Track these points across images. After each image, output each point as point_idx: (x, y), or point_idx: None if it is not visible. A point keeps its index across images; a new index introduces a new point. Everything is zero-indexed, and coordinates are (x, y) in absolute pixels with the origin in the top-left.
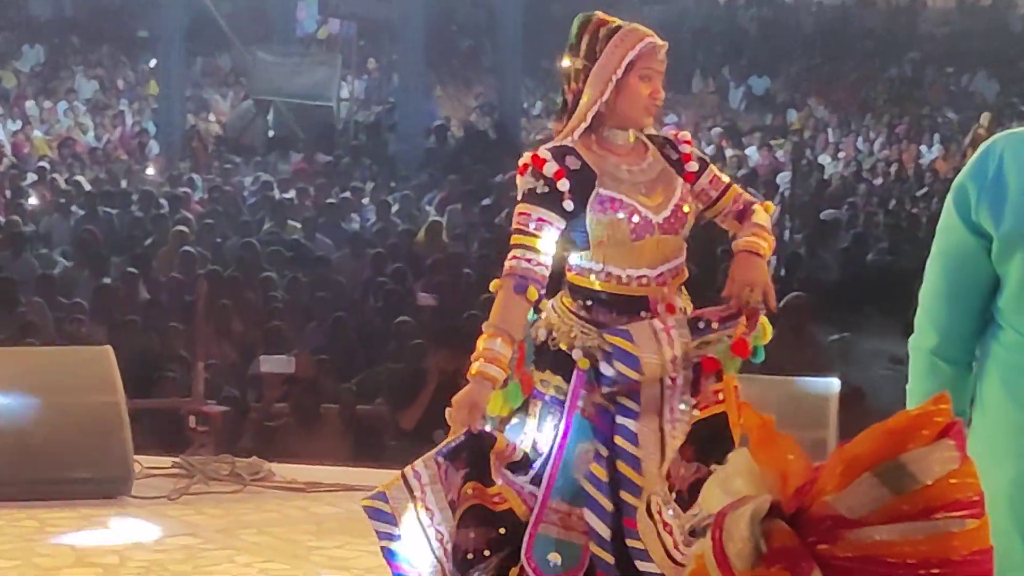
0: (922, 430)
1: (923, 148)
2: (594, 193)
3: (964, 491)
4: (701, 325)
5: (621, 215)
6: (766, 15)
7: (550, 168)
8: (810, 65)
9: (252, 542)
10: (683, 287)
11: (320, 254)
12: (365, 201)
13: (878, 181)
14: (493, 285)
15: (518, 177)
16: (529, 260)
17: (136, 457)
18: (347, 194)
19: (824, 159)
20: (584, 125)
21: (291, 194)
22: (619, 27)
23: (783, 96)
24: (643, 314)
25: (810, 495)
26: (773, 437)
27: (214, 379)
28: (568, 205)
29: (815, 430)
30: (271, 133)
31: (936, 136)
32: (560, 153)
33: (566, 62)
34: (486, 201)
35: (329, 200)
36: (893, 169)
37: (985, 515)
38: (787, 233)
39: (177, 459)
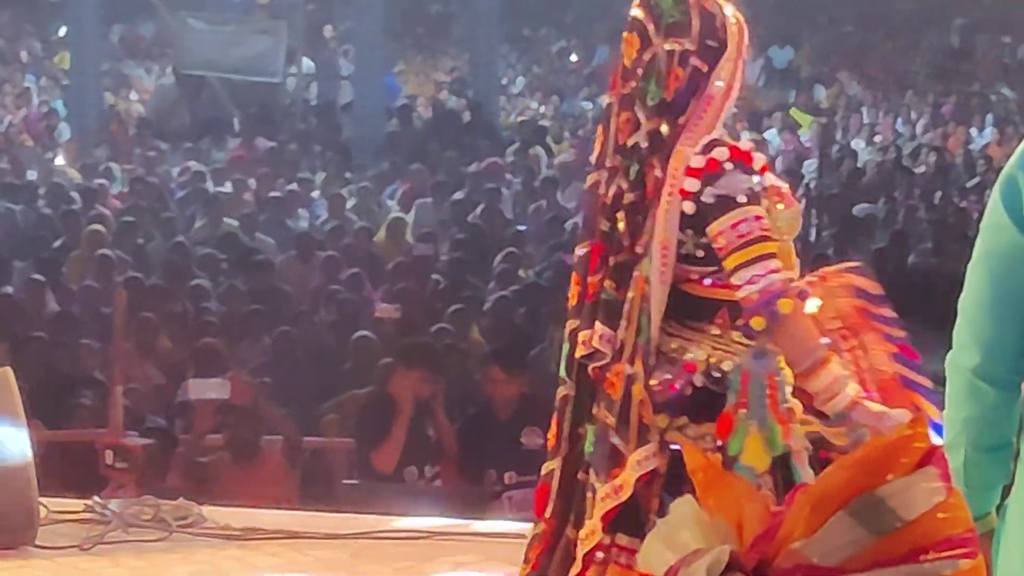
0: (900, 458)
1: (973, 131)
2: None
3: (954, 526)
4: None
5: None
6: None
7: (758, 161)
8: (840, 33)
9: None
10: None
11: (261, 257)
12: (315, 195)
13: (920, 170)
14: (787, 306)
15: (706, 175)
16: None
17: (41, 500)
18: (293, 186)
19: (858, 144)
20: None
21: (227, 187)
22: (722, 8)
23: (809, 70)
24: None
25: (774, 543)
26: (723, 480)
27: (135, 406)
28: None
29: None
30: (203, 114)
31: (989, 117)
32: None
33: (668, 45)
34: (458, 195)
35: (272, 193)
36: (937, 157)
37: (980, 554)
38: (813, 232)
39: (90, 502)
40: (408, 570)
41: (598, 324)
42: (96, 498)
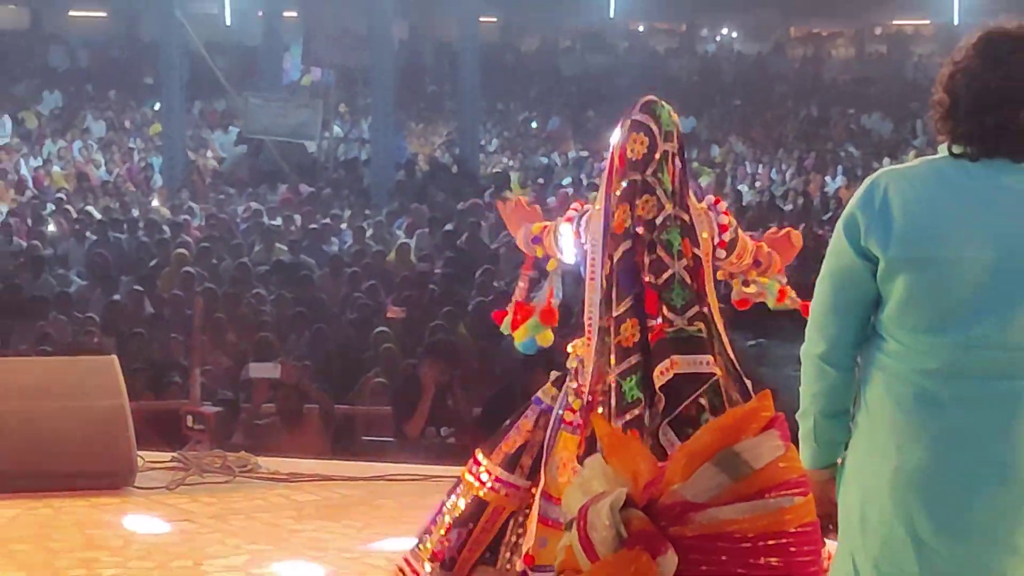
0: (751, 424)
1: (828, 179)
2: None
3: (791, 473)
4: None
5: None
6: (693, 64)
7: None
8: (730, 107)
9: (240, 526)
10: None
11: (304, 273)
12: (343, 227)
13: (789, 207)
14: None
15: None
16: None
17: (139, 452)
18: (327, 220)
19: (743, 188)
20: None
21: (278, 220)
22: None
23: (707, 134)
24: None
25: (659, 487)
26: (622, 442)
27: (209, 383)
28: None
29: None
30: (260, 167)
31: (839, 168)
32: None
33: (667, 147)
34: (448, 226)
35: (312, 226)
36: (803, 199)
37: (810, 493)
38: None
39: (175, 454)
40: (410, 504)
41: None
42: (180, 451)
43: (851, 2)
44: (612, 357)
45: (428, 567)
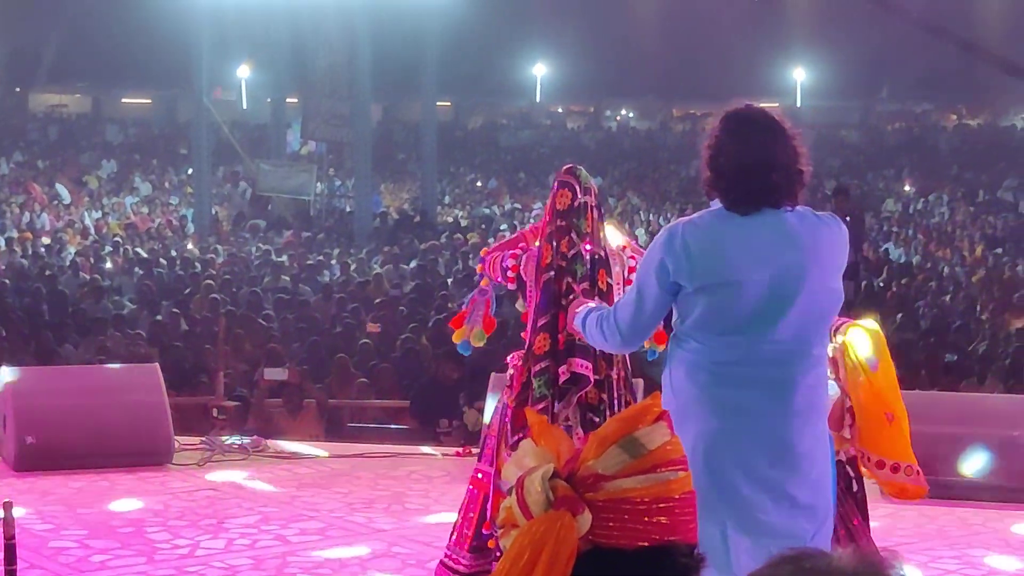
0: (646, 416)
1: None
2: None
3: (675, 454)
4: None
5: None
6: (600, 136)
7: None
8: (628, 169)
9: (253, 494)
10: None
11: (303, 298)
12: (333, 262)
13: None
14: None
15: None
16: None
17: (176, 437)
18: (320, 257)
19: (639, 232)
20: None
21: (284, 258)
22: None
23: (610, 190)
24: None
25: (577, 463)
26: (548, 428)
27: (230, 383)
28: None
29: None
30: (269, 217)
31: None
32: None
33: (585, 199)
34: (413, 263)
35: (309, 262)
36: None
37: (689, 469)
38: None
39: (203, 438)
40: (383, 475)
41: (574, 359)
42: (207, 435)
43: (718, 88)
44: (530, 362)
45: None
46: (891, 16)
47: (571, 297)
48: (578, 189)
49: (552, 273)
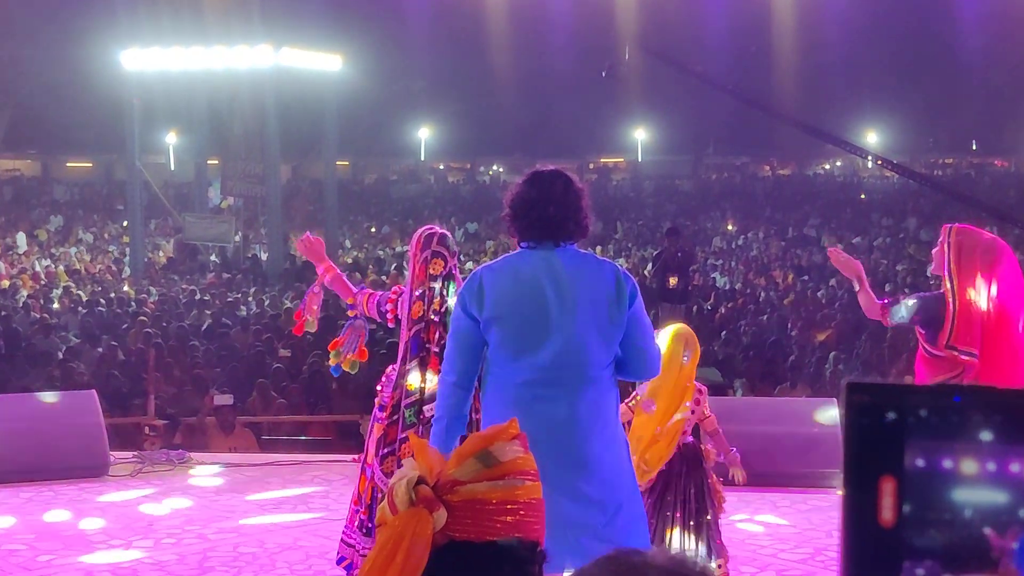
0: (503, 435)
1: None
2: None
3: (525, 466)
4: None
5: None
6: (476, 190)
7: None
8: (499, 215)
9: (180, 499)
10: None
11: (224, 330)
12: (250, 299)
13: None
14: None
15: None
16: None
17: (112, 452)
18: (239, 295)
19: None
20: None
21: (207, 297)
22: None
23: (484, 234)
24: None
25: (442, 473)
26: (424, 447)
27: (160, 405)
28: None
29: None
30: (194, 262)
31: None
32: None
33: (452, 263)
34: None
35: (229, 299)
36: None
37: (538, 479)
38: None
39: (135, 452)
40: (291, 479)
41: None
42: (138, 451)
43: (574, 146)
44: (400, 392)
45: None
46: (712, 88)
47: (444, 344)
48: (448, 257)
49: (423, 325)
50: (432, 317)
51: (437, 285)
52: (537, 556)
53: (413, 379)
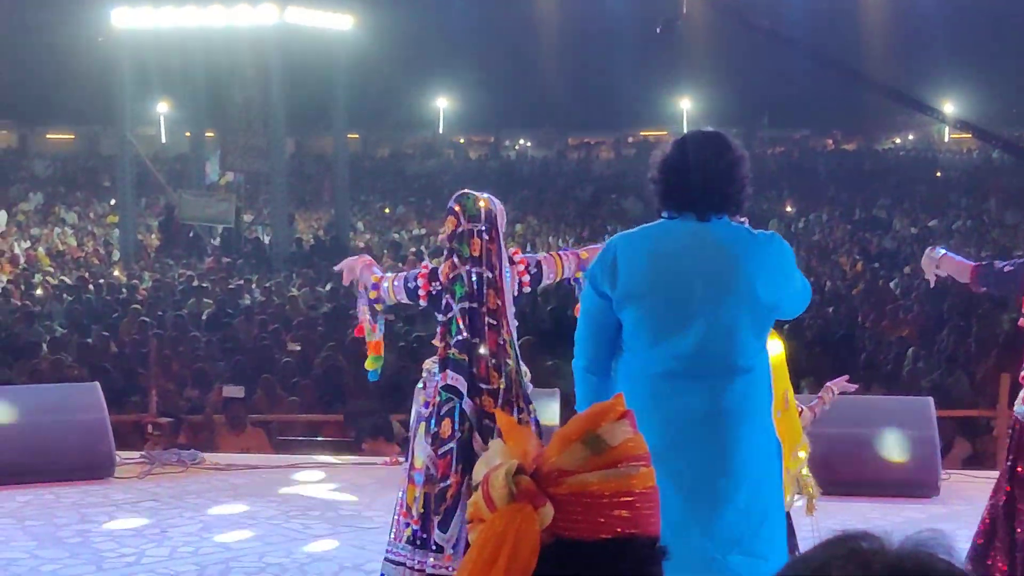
0: (609, 415)
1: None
2: None
3: (638, 450)
4: None
5: None
6: (500, 166)
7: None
8: (527, 194)
9: (194, 503)
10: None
11: (226, 320)
12: (253, 286)
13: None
14: None
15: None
16: None
17: (117, 452)
18: (241, 282)
19: (540, 254)
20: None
21: (206, 283)
22: (490, 204)
23: (511, 215)
24: None
25: (542, 460)
26: (517, 429)
27: (163, 401)
28: None
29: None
30: (192, 245)
31: (606, 236)
32: None
33: (470, 225)
34: (328, 285)
35: (231, 285)
36: None
37: (651, 465)
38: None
39: (143, 452)
40: (315, 484)
41: (447, 372)
42: (146, 450)
43: (611, 118)
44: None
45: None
46: (780, 48)
47: (449, 315)
48: (462, 217)
49: (439, 291)
50: (445, 283)
51: (449, 246)
52: (657, 554)
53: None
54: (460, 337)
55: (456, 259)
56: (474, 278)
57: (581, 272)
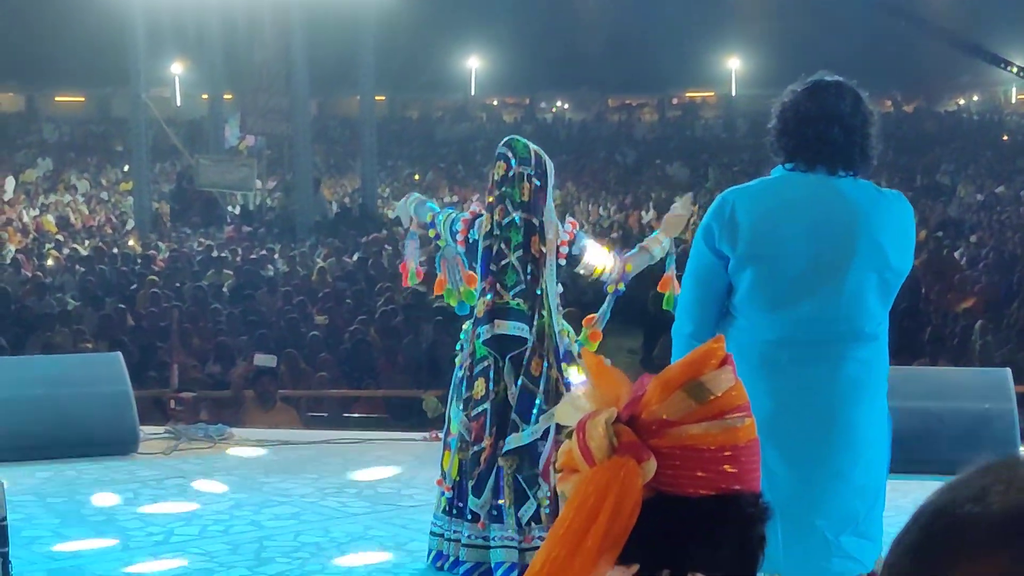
0: (710, 360)
1: (643, 213)
2: None
3: (740, 400)
4: None
5: None
6: (536, 129)
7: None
8: (566, 160)
9: (223, 481)
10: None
11: (248, 292)
12: (276, 256)
13: (614, 235)
14: None
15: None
16: None
17: (141, 427)
18: (264, 252)
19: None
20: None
21: (225, 253)
22: (539, 152)
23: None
24: None
25: (639, 407)
26: (607, 370)
27: (183, 375)
28: None
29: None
30: (210, 212)
31: (650, 205)
32: None
33: (521, 169)
34: (356, 255)
35: (252, 256)
36: (623, 228)
37: (752, 416)
38: None
39: (168, 427)
40: (352, 460)
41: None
42: (171, 425)
43: (654, 78)
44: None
45: None
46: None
47: (503, 263)
48: (512, 160)
49: (490, 240)
50: (495, 231)
51: (500, 192)
52: (762, 510)
53: (481, 307)
54: (522, 286)
55: (509, 204)
56: (522, 224)
57: (623, 283)
